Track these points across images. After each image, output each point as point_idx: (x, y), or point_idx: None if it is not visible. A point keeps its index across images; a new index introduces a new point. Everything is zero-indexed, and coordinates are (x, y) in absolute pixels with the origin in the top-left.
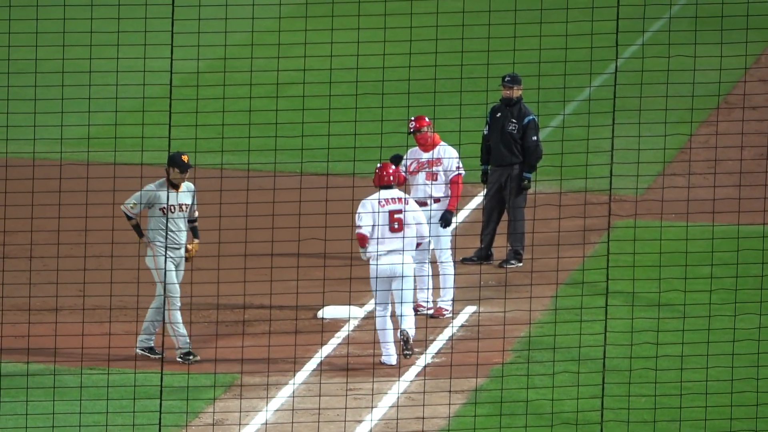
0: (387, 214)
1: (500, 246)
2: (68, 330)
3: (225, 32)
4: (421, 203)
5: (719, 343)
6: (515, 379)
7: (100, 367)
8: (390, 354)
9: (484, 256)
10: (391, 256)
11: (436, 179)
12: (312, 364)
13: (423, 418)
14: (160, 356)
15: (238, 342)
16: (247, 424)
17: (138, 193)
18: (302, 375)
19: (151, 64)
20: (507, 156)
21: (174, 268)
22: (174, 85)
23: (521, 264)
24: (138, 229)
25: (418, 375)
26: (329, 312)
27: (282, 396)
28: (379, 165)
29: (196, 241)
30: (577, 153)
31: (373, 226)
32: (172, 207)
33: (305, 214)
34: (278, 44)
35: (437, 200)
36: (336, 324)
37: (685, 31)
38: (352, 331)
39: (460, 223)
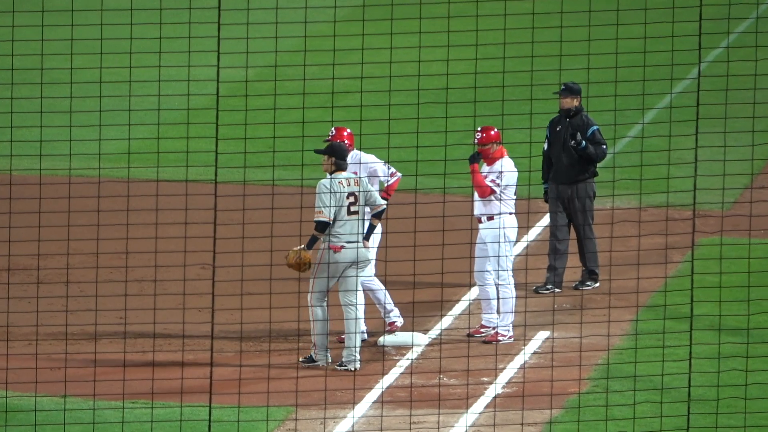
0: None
1: (574, 266)
2: (108, 360)
3: (275, 38)
4: (479, 220)
5: None
6: (592, 411)
7: (143, 401)
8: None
9: (558, 282)
10: None
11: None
12: (373, 396)
13: None
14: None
15: (292, 372)
16: None
17: None
18: (362, 407)
19: (196, 73)
20: (570, 172)
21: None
22: (221, 95)
23: (597, 284)
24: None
25: (487, 406)
26: (390, 339)
27: (340, 430)
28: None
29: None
30: (657, 165)
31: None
32: None
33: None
34: (333, 50)
35: (491, 218)
36: (398, 351)
37: None
38: (415, 359)
39: (531, 241)
